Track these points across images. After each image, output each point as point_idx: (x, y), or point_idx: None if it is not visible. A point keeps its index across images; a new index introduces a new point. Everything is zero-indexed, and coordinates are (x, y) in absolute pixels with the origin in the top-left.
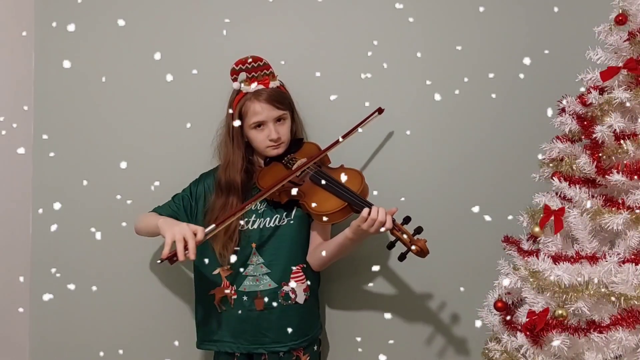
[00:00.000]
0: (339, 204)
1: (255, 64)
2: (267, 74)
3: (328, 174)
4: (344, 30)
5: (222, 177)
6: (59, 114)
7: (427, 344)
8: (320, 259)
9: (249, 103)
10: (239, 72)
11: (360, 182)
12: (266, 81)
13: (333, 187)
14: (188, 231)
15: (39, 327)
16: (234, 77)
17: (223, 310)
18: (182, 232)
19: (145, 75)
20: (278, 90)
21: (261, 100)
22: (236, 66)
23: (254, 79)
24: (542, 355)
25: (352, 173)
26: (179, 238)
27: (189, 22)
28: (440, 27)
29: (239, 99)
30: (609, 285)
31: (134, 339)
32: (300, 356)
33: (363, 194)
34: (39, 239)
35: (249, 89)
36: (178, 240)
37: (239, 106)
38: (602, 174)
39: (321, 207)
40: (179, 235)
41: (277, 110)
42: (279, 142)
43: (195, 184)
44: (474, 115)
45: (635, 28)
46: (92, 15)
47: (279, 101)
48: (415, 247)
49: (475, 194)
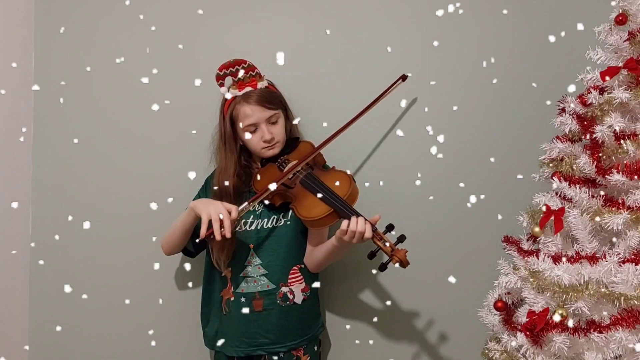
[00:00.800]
0: (325, 210)
1: (240, 67)
2: (253, 75)
3: (317, 178)
4: (343, 28)
5: (215, 183)
6: (58, 116)
7: (427, 344)
8: (314, 262)
9: (239, 106)
10: (224, 77)
11: (348, 186)
12: (254, 82)
13: (320, 192)
14: (223, 209)
15: (39, 328)
16: (220, 82)
17: (227, 312)
18: (217, 211)
19: (145, 76)
20: (267, 90)
21: (251, 102)
22: (220, 71)
23: (241, 82)
24: (542, 355)
25: (340, 177)
26: (215, 217)
27: (188, 24)
28: (441, 28)
29: (229, 103)
30: (609, 285)
31: (134, 339)
32: (301, 356)
33: (351, 198)
34: (39, 239)
35: (238, 93)
36: (214, 220)
37: (229, 110)
38: (602, 174)
39: (309, 213)
40: (214, 214)
41: (268, 110)
42: (273, 142)
43: (203, 191)
44: (473, 115)
45: (635, 28)
46: (92, 16)
47: (269, 101)
48: (395, 258)
49: (475, 194)
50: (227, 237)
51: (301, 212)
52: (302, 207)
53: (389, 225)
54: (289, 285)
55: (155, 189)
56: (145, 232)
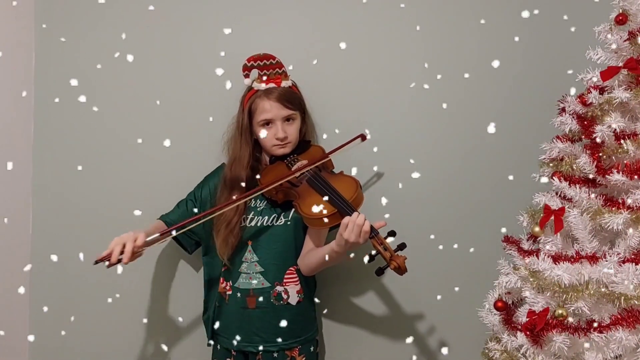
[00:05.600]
0: (329, 210)
1: (268, 62)
2: (279, 73)
3: (324, 179)
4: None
5: (228, 172)
6: (60, 111)
7: (427, 344)
8: (307, 265)
9: (259, 100)
10: (251, 68)
11: (354, 190)
12: (278, 80)
13: (326, 192)
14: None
15: (39, 328)
16: (246, 73)
17: (222, 305)
18: (124, 238)
19: (153, 69)
20: (289, 90)
21: (271, 98)
22: (248, 62)
23: (266, 76)
24: (542, 355)
25: (348, 180)
26: (118, 241)
27: (202, 19)
28: (442, 29)
29: (250, 95)
30: (609, 285)
31: (134, 339)
32: (296, 357)
33: (356, 202)
34: (39, 239)
35: (260, 87)
36: (117, 244)
37: (249, 102)
38: (602, 174)
39: (311, 211)
40: (119, 239)
41: (286, 109)
42: (286, 141)
43: (199, 188)
44: (473, 115)
45: (635, 28)
46: (95, 12)
47: (289, 101)
48: (394, 263)
49: (476, 194)
50: (124, 262)
51: (304, 210)
52: (305, 204)
53: (390, 232)
54: (284, 285)
55: (155, 189)
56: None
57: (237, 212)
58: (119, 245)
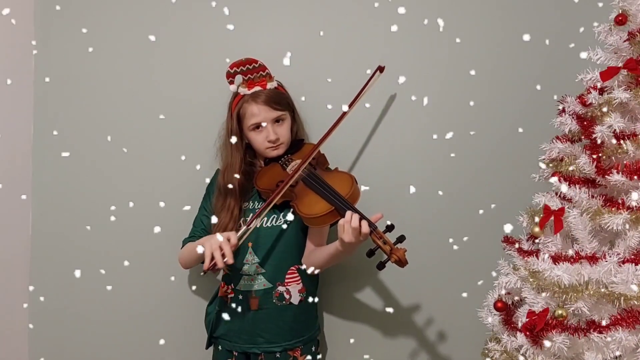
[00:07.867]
0: (326, 208)
1: (251, 66)
2: (263, 75)
3: (319, 177)
4: (349, 30)
5: (221, 179)
6: (59, 114)
7: (427, 345)
8: (313, 263)
9: (247, 105)
10: (235, 74)
11: (350, 186)
12: (263, 82)
13: (322, 190)
14: (222, 238)
15: (38, 327)
16: (230, 79)
17: (223, 309)
18: (217, 242)
19: (148, 74)
20: (276, 91)
21: (259, 101)
22: (231, 69)
23: (251, 81)
24: (542, 355)
25: (343, 176)
26: (215, 247)
27: (192, 22)
28: (441, 28)
29: (237, 101)
30: (609, 285)
31: (134, 340)
32: (298, 357)
33: (352, 197)
34: (39, 239)
35: (247, 92)
36: (215, 250)
37: (237, 108)
38: (602, 174)
39: (310, 210)
40: (214, 245)
41: (274, 111)
42: (278, 143)
43: (206, 200)
44: (473, 116)
45: (635, 28)
46: (94, 15)
47: (277, 102)
48: (394, 257)
49: (476, 194)
50: (230, 262)
51: (302, 210)
52: (302, 204)
53: (389, 226)
54: (286, 285)
55: (155, 189)
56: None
57: (232, 218)
58: (217, 250)
